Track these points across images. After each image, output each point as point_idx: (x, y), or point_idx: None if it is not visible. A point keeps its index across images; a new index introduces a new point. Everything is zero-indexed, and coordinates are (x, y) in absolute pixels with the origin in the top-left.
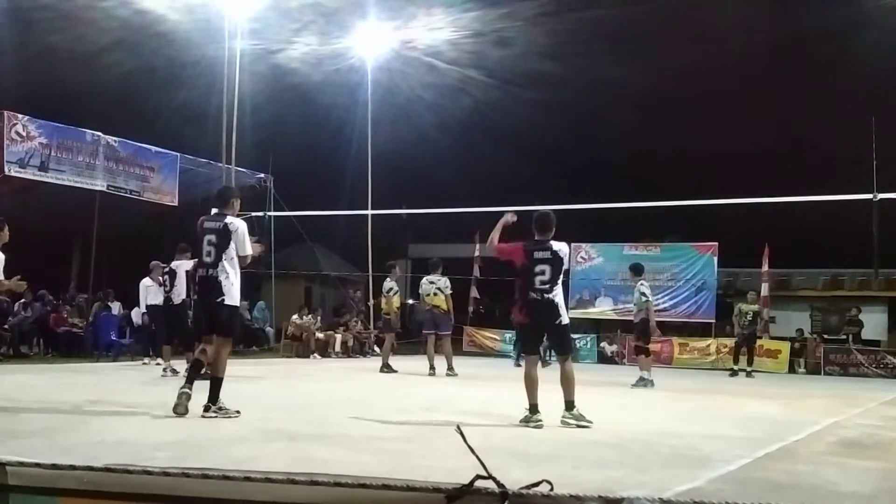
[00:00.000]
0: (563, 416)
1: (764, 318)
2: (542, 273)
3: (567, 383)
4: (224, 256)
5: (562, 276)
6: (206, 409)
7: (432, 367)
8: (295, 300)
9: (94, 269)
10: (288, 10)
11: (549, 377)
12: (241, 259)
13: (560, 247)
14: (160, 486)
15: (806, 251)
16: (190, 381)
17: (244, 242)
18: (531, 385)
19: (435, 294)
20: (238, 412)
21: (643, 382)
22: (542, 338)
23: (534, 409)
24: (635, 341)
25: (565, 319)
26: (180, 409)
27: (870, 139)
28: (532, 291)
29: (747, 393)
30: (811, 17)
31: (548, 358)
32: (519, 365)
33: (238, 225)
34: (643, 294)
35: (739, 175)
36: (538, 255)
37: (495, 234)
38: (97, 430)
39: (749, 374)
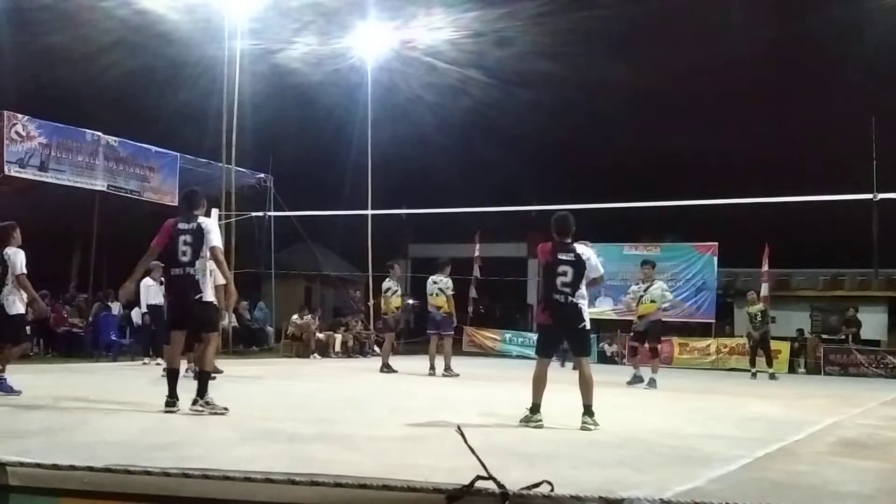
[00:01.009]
0: (584, 422)
1: (767, 317)
2: (564, 274)
3: (586, 387)
4: (200, 255)
5: (585, 280)
6: (194, 402)
7: (432, 367)
8: (295, 300)
9: (94, 269)
10: (288, 10)
11: (553, 377)
12: (214, 251)
13: (584, 250)
14: (161, 487)
15: (806, 251)
16: (172, 392)
17: (217, 234)
18: (538, 385)
19: (437, 294)
20: (226, 409)
21: (652, 384)
22: (560, 341)
23: (535, 409)
24: (653, 342)
25: (588, 324)
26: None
27: (870, 139)
28: (555, 293)
29: (747, 393)
30: (811, 17)
31: (564, 361)
32: (563, 365)
33: (209, 223)
34: (665, 293)
35: (739, 175)
36: (561, 256)
37: None
38: (97, 430)
39: (772, 376)
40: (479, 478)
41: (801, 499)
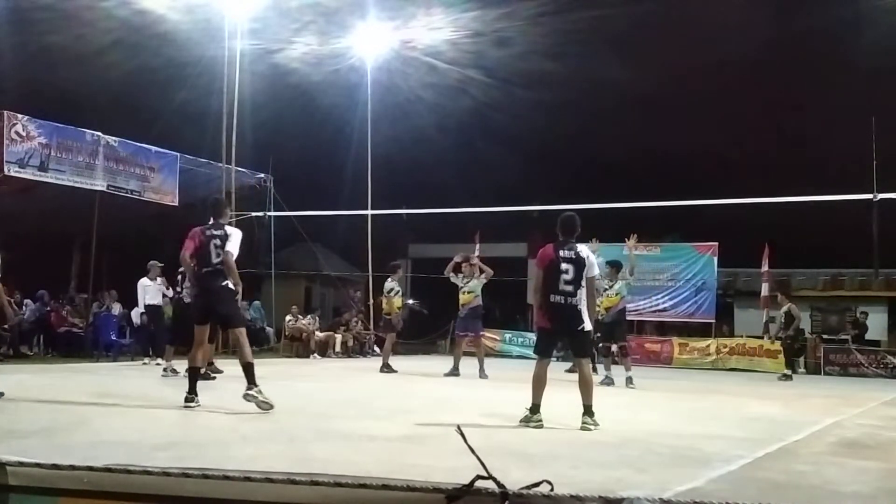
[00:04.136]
0: (584, 422)
1: (795, 316)
2: (566, 272)
3: (586, 387)
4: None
5: (584, 281)
6: (249, 389)
7: (482, 371)
8: (295, 300)
9: (94, 269)
10: (288, 10)
11: (553, 378)
12: (229, 255)
13: (586, 252)
14: (160, 486)
15: (806, 251)
16: (193, 389)
17: (235, 243)
18: (538, 385)
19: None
20: (272, 405)
21: (630, 381)
22: (559, 342)
23: (535, 409)
24: (621, 340)
25: (588, 326)
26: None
27: (870, 139)
28: (555, 294)
29: (747, 393)
30: (811, 17)
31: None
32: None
33: (234, 231)
34: (627, 283)
35: (739, 175)
36: (563, 253)
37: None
38: (97, 430)
39: (786, 377)
40: (478, 477)
41: (801, 499)
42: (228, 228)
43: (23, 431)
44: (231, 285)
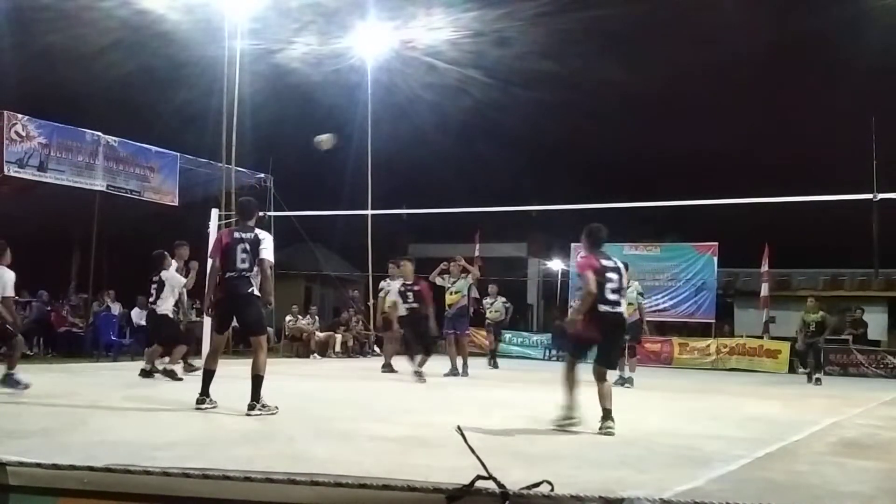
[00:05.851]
0: (605, 427)
1: (829, 324)
2: (612, 281)
3: (606, 396)
4: (255, 262)
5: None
6: (251, 407)
7: (455, 368)
8: (295, 300)
9: (94, 269)
10: (288, 10)
11: (553, 378)
12: (266, 263)
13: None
14: (160, 487)
15: (806, 251)
16: (206, 391)
17: (271, 250)
18: (570, 384)
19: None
20: (277, 408)
21: (630, 382)
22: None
23: (570, 408)
24: (631, 341)
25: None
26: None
27: (870, 139)
28: (603, 304)
29: (747, 393)
30: (811, 17)
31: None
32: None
33: (266, 235)
34: (640, 294)
35: (739, 175)
36: (605, 262)
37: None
38: (97, 430)
39: (817, 381)
40: (479, 477)
41: (801, 499)
42: (260, 233)
43: (23, 431)
44: (256, 291)
